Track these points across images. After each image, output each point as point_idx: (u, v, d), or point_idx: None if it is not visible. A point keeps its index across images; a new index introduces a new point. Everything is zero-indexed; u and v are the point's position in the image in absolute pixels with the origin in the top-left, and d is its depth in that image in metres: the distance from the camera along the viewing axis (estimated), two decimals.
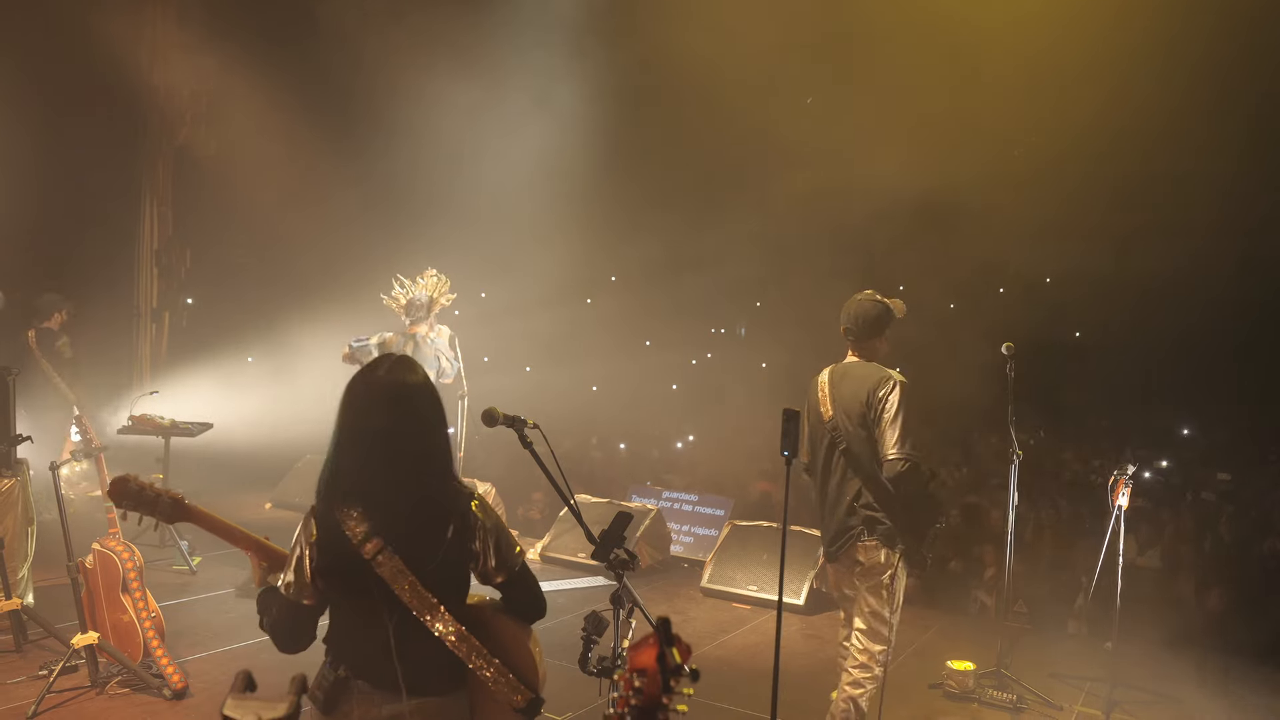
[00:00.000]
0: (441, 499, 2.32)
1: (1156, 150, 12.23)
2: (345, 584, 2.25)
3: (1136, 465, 5.04)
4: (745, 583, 6.78)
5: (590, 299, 17.58)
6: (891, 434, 3.80)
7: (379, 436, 2.27)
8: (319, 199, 11.57)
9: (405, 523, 2.26)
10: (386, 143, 11.89)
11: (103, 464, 4.85)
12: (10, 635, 5.19)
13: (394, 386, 2.31)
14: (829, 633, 6.19)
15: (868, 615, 3.96)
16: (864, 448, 3.89)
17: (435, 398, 2.38)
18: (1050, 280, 17.16)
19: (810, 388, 4.18)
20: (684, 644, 1.60)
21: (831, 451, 4.00)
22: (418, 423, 2.32)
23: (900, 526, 3.90)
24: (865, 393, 3.89)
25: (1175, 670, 5.55)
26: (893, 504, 3.89)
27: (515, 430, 3.07)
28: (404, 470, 2.27)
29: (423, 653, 2.26)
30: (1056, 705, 4.95)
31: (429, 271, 7.13)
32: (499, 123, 11.48)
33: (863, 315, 4.05)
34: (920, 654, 5.79)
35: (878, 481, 3.88)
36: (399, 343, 6.99)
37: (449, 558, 2.29)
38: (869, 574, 3.92)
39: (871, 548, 3.89)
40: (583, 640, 2.98)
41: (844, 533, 3.95)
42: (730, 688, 5.10)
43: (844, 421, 3.94)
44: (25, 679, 4.77)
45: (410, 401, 2.32)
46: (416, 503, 2.29)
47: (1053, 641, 6.17)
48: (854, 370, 4.04)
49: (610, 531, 3.02)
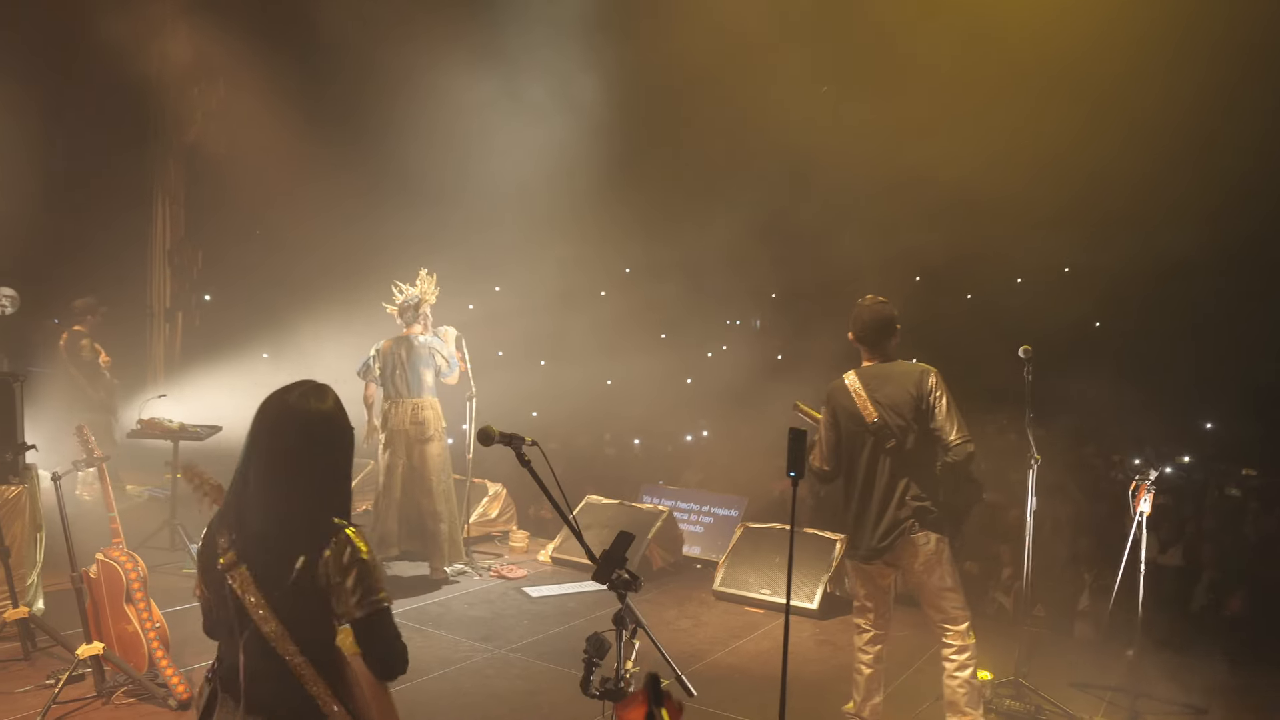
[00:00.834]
0: (300, 528, 2.29)
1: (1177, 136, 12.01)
2: (209, 590, 2.36)
3: (1159, 470, 4.90)
4: (758, 586, 6.69)
5: (604, 292, 17.49)
6: (951, 421, 4.09)
7: (262, 456, 2.33)
8: (330, 196, 11.55)
9: (261, 544, 2.30)
10: (398, 138, 11.85)
11: (104, 473, 4.81)
12: (18, 643, 5.19)
13: (289, 410, 2.35)
14: (843, 638, 6.09)
15: (940, 599, 4.19)
16: (915, 442, 4.13)
17: (334, 428, 2.38)
18: (1069, 270, 16.94)
19: (835, 394, 4.33)
20: (674, 702, 1.53)
21: (877, 452, 4.19)
22: (300, 449, 2.33)
23: (943, 510, 4.17)
24: (912, 389, 4.14)
25: (1200, 679, 5.41)
26: (937, 491, 4.17)
27: (513, 448, 3.01)
28: (273, 493, 2.31)
29: (270, 677, 2.28)
30: (1076, 717, 4.83)
31: (421, 272, 7.08)
32: (511, 118, 11.40)
33: (875, 321, 4.27)
34: (935, 660, 5.65)
35: (925, 472, 4.16)
36: (393, 347, 6.94)
37: (300, 587, 2.26)
38: (929, 565, 4.14)
39: (921, 540, 4.12)
40: (584, 663, 2.92)
41: (895, 526, 4.14)
42: (741, 696, 5.03)
43: (893, 419, 4.15)
44: (33, 688, 4.76)
45: (300, 427, 2.33)
46: (276, 527, 2.30)
47: (1072, 648, 6.05)
48: (888, 371, 4.25)
49: (611, 552, 2.95)
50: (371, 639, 2.31)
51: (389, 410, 6.94)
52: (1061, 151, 12.62)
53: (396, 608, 6.21)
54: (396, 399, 6.93)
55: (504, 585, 6.97)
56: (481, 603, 6.56)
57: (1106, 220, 14.55)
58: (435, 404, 7.04)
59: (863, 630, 4.43)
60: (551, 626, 6.09)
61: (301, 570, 2.25)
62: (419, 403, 6.93)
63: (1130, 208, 13.99)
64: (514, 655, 5.56)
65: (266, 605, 2.26)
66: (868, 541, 4.22)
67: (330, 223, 11.90)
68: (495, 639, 5.81)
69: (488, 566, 7.32)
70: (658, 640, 2.85)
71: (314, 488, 2.34)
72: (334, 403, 2.41)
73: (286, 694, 2.27)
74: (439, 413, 7.06)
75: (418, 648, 5.60)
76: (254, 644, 2.27)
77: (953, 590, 4.18)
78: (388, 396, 6.99)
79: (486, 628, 6.02)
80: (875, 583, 4.35)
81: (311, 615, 2.28)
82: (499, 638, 5.84)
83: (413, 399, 6.92)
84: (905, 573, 4.29)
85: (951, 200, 12.93)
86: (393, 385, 6.94)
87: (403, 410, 6.90)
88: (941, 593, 4.18)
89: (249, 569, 2.27)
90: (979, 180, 12.13)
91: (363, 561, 2.29)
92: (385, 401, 7.00)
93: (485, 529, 8.17)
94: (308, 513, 2.31)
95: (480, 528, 8.13)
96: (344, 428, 2.42)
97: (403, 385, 6.91)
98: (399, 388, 6.92)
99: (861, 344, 4.32)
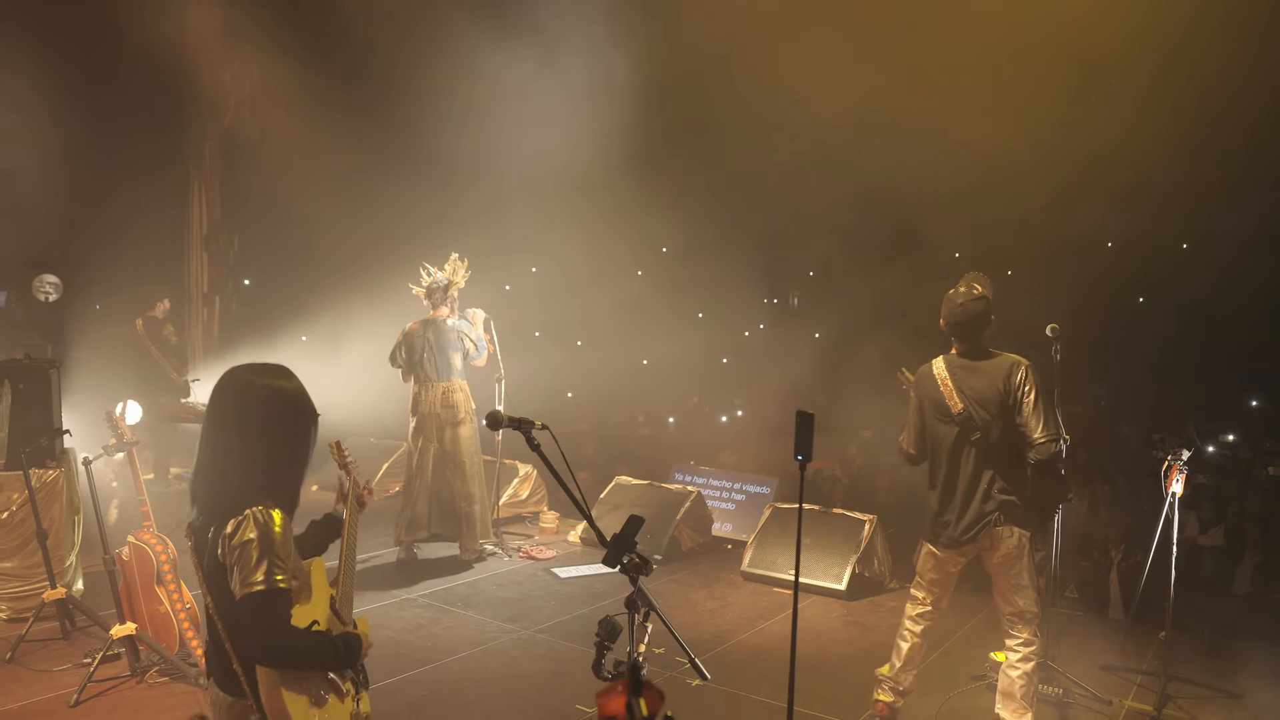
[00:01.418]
0: (223, 501, 2.31)
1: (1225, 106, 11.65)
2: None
3: (1192, 450, 4.77)
4: (786, 567, 6.66)
5: (641, 271, 17.44)
6: (1038, 418, 4.03)
7: (207, 425, 2.38)
8: (366, 180, 11.60)
9: (198, 516, 2.36)
10: (433, 121, 11.84)
11: (134, 457, 4.90)
12: (57, 623, 5.32)
13: (236, 382, 2.38)
14: (871, 619, 6.07)
15: (1015, 593, 4.14)
16: (1001, 435, 4.09)
17: (281, 404, 2.40)
18: (1112, 244, 16.55)
19: (923, 381, 4.33)
20: (654, 692, 1.51)
21: (961, 443, 4.16)
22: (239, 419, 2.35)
23: (1030, 506, 4.13)
24: (1000, 382, 4.09)
25: (1236, 662, 5.30)
26: (1024, 486, 4.12)
27: (522, 433, 2.98)
28: (211, 465, 2.35)
29: (215, 646, 2.36)
30: (1105, 699, 4.76)
31: (452, 256, 7.11)
32: (547, 98, 11.36)
33: (968, 319, 4.19)
34: (965, 642, 5.62)
35: (1012, 465, 4.10)
36: (420, 330, 6.98)
37: (214, 560, 2.29)
38: (1008, 560, 4.10)
39: (1005, 534, 4.07)
40: (596, 646, 2.92)
41: (980, 519, 4.11)
42: (764, 678, 5.01)
43: (978, 412, 4.12)
44: (70, 666, 4.88)
45: (243, 398, 2.37)
46: (208, 500, 2.34)
47: (1104, 630, 5.94)
48: (979, 363, 4.20)
49: (622, 535, 2.93)
50: (246, 620, 2.24)
51: (419, 394, 6.99)
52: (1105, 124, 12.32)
53: (426, 589, 6.36)
54: (426, 382, 6.98)
55: (533, 566, 7.02)
56: (510, 584, 6.61)
57: (1151, 193, 14.17)
58: (465, 386, 7.08)
59: (917, 603, 4.39)
60: (579, 607, 6.11)
61: (212, 540, 2.27)
62: (449, 386, 6.97)
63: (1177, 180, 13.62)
64: (540, 636, 5.60)
65: (203, 575, 2.33)
66: (951, 532, 4.19)
67: (366, 205, 11.96)
68: (522, 619, 5.85)
69: (517, 547, 7.37)
70: (677, 622, 2.85)
71: (246, 461, 2.32)
72: (290, 382, 2.42)
73: (225, 665, 2.33)
74: (469, 395, 7.11)
75: (445, 629, 5.67)
76: (207, 613, 2.36)
77: (1028, 587, 4.13)
78: (417, 380, 7.03)
79: (514, 609, 6.06)
80: (945, 568, 4.31)
81: (227, 587, 2.28)
82: (526, 618, 5.87)
83: (442, 382, 6.96)
84: (983, 563, 4.26)
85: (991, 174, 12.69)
86: (421, 369, 6.99)
87: (433, 393, 6.95)
88: (1016, 589, 4.13)
89: (194, 537, 2.35)
90: (1020, 154, 11.88)
91: (253, 542, 2.21)
92: (415, 385, 7.04)
93: (516, 510, 8.22)
94: (230, 486, 2.30)
95: (511, 509, 8.18)
96: (295, 408, 2.41)
97: (431, 369, 6.96)
98: (428, 371, 6.96)
99: (952, 336, 4.27)
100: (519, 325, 14.42)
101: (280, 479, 2.39)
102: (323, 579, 2.53)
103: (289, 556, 2.30)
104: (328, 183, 11.07)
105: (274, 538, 2.24)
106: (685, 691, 4.79)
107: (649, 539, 7.33)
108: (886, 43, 11.55)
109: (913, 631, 4.37)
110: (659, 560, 7.17)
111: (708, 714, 4.64)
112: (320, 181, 10.98)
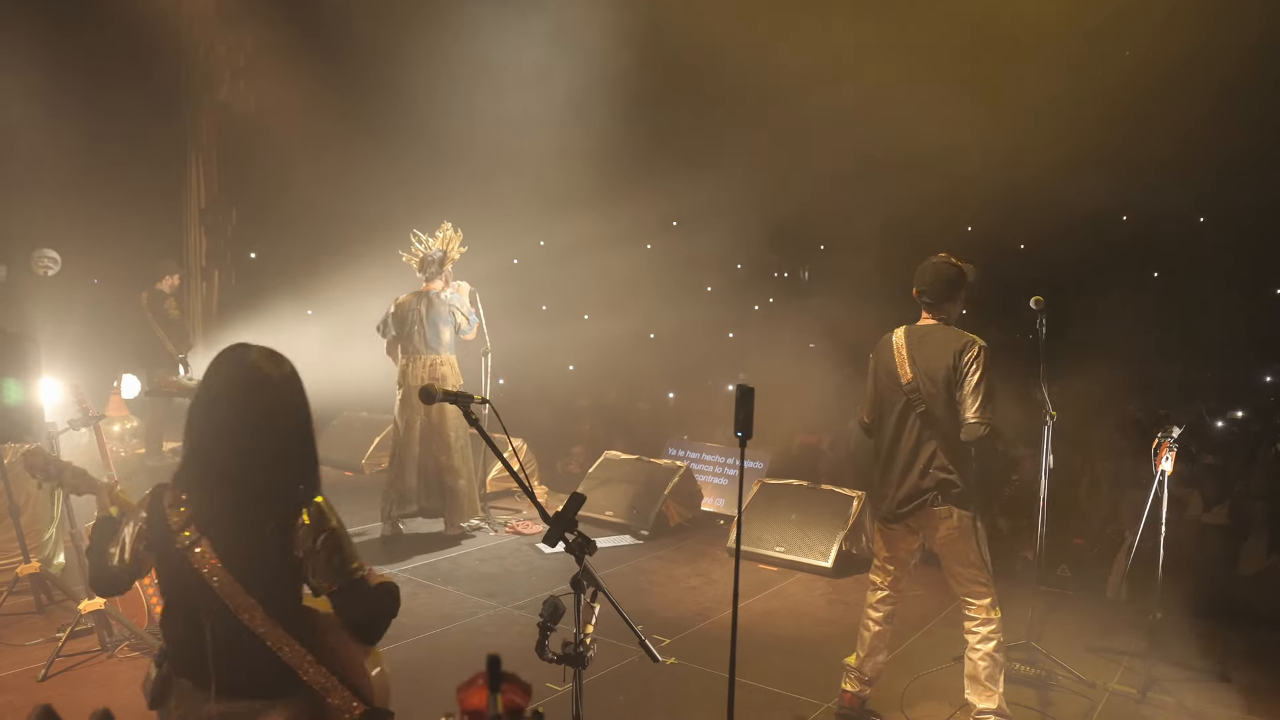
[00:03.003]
0: (264, 496, 2.21)
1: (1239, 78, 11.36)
2: (164, 569, 2.26)
3: (1183, 427, 4.63)
4: (772, 543, 6.57)
5: (650, 245, 17.29)
6: (974, 399, 3.89)
7: (217, 424, 2.23)
8: (367, 151, 11.49)
9: (224, 517, 2.21)
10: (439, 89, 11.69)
11: (100, 432, 4.85)
12: (32, 597, 5.31)
13: (246, 375, 2.25)
14: (856, 597, 5.95)
15: (960, 574, 4.05)
16: (944, 411, 3.96)
17: (300, 392, 2.31)
18: (1127, 218, 16.24)
19: (881, 348, 4.22)
20: (520, 685, 1.41)
21: (907, 414, 4.06)
22: (270, 414, 2.25)
23: (972, 486, 4.00)
24: (950, 356, 3.96)
25: (1227, 644, 5.18)
26: (967, 465, 4.00)
27: (460, 407, 2.90)
28: (233, 462, 2.21)
29: (242, 653, 2.19)
30: (1089, 681, 4.64)
31: (444, 225, 6.98)
32: (552, 63, 11.20)
33: (940, 278, 4.08)
34: (949, 621, 5.49)
35: (953, 443, 3.97)
36: (412, 302, 6.89)
37: (268, 558, 2.18)
38: (950, 540, 4.01)
39: (943, 514, 3.97)
40: (539, 627, 2.86)
41: (916, 495, 4.01)
42: (743, 658, 4.79)
43: (925, 384, 4.00)
44: (43, 641, 4.87)
45: (258, 392, 2.24)
46: (238, 497, 2.21)
47: (1096, 610, 5.81)
48: (934, 334, 4.08)
49: (563, 514, 2.85)
50: (353, 604, 2.26)
51: (406, 366, 6.91)
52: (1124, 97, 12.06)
53: (408, 564, 6.32)
54: (414, 355, 6.90)
55: (518, 541, 6.96)
56: (493, 559, 6.55)
57: (1164, 167, 13.88)
58: (453, 360, 7.00)
59: (876, 589, 4.30)
60: (559, 583, 6.03)
61: (272, 539, 2.18)
62: (436, 359, 6.89)
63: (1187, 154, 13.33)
64: (517, 612, 5.54)
65: (235, 580, 2.17)
66: (888, 504, 4.12)
67: (368, 178, 11.87)
68: (500, 595, 5.79)
69: (504, 522, 7.31)
70: (658, 599, 2.77)
71: (285, 453, 2.26)
72: (293, 368, 2.34)
73: (262, 668, 2.20)
74: (456, 369, 7.02)
75: (423, 604, 5.62)
76: (223, 622, 2.17)
77: (974, 567, 4.01)
78: (405, 352, 6.96)
79: (494, 584, 6.00)
80: (896, 546, 4.22)
81: (283, 585, 2.22)
82: (504, 594, 5.82)
83: (430, 355, 6.88)
84: (928, 542, 4.16)
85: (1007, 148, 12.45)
86: (410, 341, 6.90)
87: (420, 366, 6.87)
88: (963, 568, 4.04)
89: (211, 544, 2.18)
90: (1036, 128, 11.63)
91: (336, 532, 2.24)
92: (403, 357, 6.96)
93: (504, 485, 8.16)
94: (278, 480, 2.24)
95: (499, 483, 8.12)
96: (304, 393, 2.35)
97: (420, 341, 6.87)
98: (417, 344, 6.88)
99: (923, 301, 4.13)
100: (526, 298, 14.36)
101: (316, 465, 2.36)
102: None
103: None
104: (327, 155, 10.97)
105: (344, 527, 2.29)
106: (659, 671, 4.72)
107: (635, 514, 7.26)
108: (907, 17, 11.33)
109: (874, 619, 4.27)
110: (645, 536, 7.10)
111: (681, 694, 4.57)
112: (319, 153, 10.88)
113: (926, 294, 4.10)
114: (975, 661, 4.05)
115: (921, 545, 4.27)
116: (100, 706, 1.92)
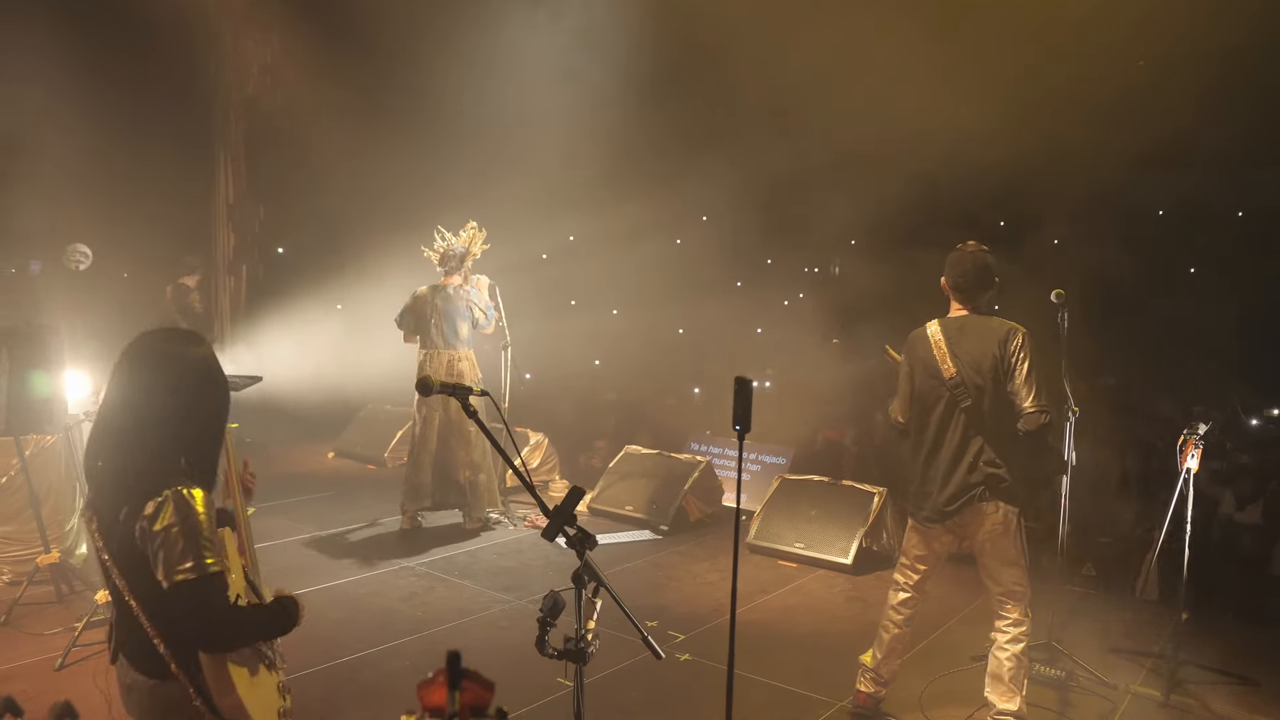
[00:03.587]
0: (131, 477, 2.15)
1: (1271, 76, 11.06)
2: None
3: (1210, 424, 4.50)
4: (792, 540, 6.50)
5: (680, 239, 17.21)
6: (1028, 388, 3.79)
7: (111, 395, 2.22)
8: (394, 146, 11.52)
9: (102, 491, 2.20)
10: (461, 83, 11.70)
11: None
12: (53, 587, 5.37)
13: (147, 349, 2.24)
14: (875, 595, 5.88)
15: (1001, 572, 3.93)
16: (992, 404, 3.86)
17: (194, 373, 2.24)
18: (1163, 212, 15.91)
19: (915, 343, 4.08)
20: (482, 682, 1.36)
21: (951, 409, 3.94)
22: (147, 389, 2.19)
23: (1019, 481, 3.90)
24: (994, 346, 3.85)
25: (1256, 646, 5.04)
26: (1014, 459, 3.89)
27: (458, 399, 2.87)
28: (115, 436, 2.19)
29: (129, 629, 2.20)
30: (1110, 683, 4.54)
31: (469, 225, 7.01)
32: (582, 57, 11.17)
33: (974, 268, 3.97)
34: (969, 621, 5.42)
35: (1001, 436, 3.87)
36: (429, 296, 6.90)
37: (126, 542, 2.13)
38: (994, 535, 3.89)
39: (990, 510, 3.86)
40: (539, 623, 2.84)
41: (964, 491, 3.89)
42: (758, 654, 4.86)
43: (971, 377, 3.89)
44: (61, 630, 4.91)
45: (153, 366, 2.21)
46: (112, 474, 2.18)
47: (1121, 611, 5.67)
48: (973, 325, 3.96)
49: (561, 507, 2.82)
50: (180, 605, 2.09)
51: (425, 361, 6.92)
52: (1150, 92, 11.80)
53: (426, 558, 6.31)
54: (432, 350, 6.90)
55: (536, 536, 6.94)
56: (511, 553, 6.54)
57: (1199, 160, 13.58)
58: (471, 355, 7.01)
59: (899, 589, 4.18)
60: None
61: (124, 522, 2.12)
62: (455, 354, 6.89)
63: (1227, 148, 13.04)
64: (533, 607, 5.49)
65: (110, 556, 2.16)
66: (933, 503, 3.97)
67: (395, 174, 11.90)
68: (517, 589, 5.77)
69: (523, 516, 7.30)
70: (675, 595, 2.74)
71: (161, 437, 2.17)
72: (203, 350, 2.27)
73: (144, 648, 2.17)
74: (475, 364, 7.03)
75: (439, 598, 5.61)
76: (114, 594, 2.19)
77: (1015, 565, 3.90)
78: (424, 347, 6.97)
79: (511, 578, 5.99)
80: (930, 546, 4.09)
81: (145, 571, 2.13)
82: (521, 588, 5.80)
83: (449, 350, 6.88)
84: (968, 540, 4.01)
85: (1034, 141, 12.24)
86: (428, 336, 6.91)
87: (439, 362, 6.88)
88: (1003, 566, 3.91)
89: (97, 517, 2.19)
90: (1064, 121, 11.40)
91: (176, 526, 2.07)
92: (421, 352, 6.97)
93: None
94: (144, 464, 2.14)
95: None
96: (210, 377, 2.27)
97: (438, 337, 6.88)
98: (434, 339, 6.89)
99: (955, 292, 4.01)
100: (553, 293, 14.34)
101: (199, 454, 2.24)
102: (233, 549, 2.44)
103: (215, 537, 2.17)
104: (353, 150, 11.01)
105: (199, 519, 2.11)
106: (673, 667, 4.68)
107: (655, 509, 7.21)
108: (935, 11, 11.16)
109: (895, 621, 4.17)
110: (665, 531, 7.05)
111: (695, 690, 4.52)
112: (346, 148, 10.93)
113: (960, 284, 3.99)
114: (1001, 660, 3.95)
115: (955, 546, 4.16)
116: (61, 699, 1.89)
